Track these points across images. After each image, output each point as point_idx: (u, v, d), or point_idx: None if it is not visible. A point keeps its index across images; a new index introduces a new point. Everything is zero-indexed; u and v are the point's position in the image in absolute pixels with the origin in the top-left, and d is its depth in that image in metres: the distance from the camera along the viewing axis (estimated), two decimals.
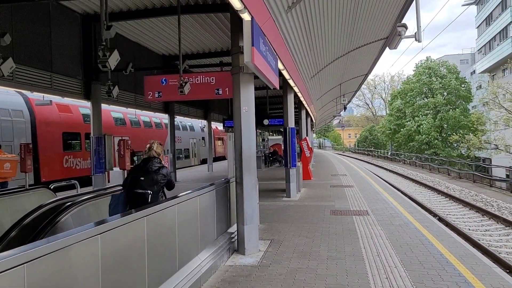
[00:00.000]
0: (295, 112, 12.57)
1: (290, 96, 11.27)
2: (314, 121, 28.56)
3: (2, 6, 7.82)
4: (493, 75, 41.21)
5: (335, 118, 50.56)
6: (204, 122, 24.73)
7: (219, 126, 30.15)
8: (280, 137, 32.80)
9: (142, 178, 4.53)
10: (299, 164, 12.39)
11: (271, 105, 23.65)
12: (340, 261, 5.09)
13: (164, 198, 4.78)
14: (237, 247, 5.64)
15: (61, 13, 9.43)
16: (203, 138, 30.40)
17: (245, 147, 5.56)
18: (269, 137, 33.29)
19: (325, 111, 31.34)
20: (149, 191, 4.49)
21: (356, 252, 5.47)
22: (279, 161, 24.79)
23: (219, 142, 34.35)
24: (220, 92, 9.33)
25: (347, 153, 63.35)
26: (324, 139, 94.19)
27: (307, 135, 17.88)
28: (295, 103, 13.48)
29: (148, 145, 4.79)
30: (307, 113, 19.48)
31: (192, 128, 29.25)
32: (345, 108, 25.35)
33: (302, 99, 13.61)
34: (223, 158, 32.89)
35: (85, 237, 2.51)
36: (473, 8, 47.01)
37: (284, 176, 11.19)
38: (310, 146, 15.90)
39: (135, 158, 15.58)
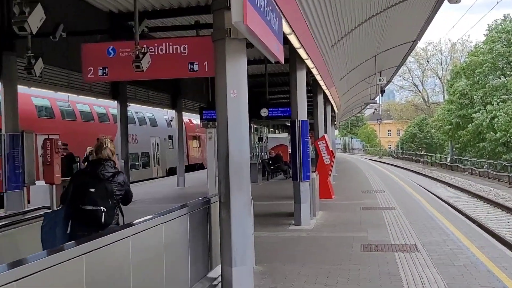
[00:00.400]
0: (308, 97, 12.58)
1: (300, 73, 11.28)
2: (336, 111, 28.66)
3: None
4: None
5: (368, 106, 50.74)
6: (172, 113, 24.69)
7: (195, 119, 30.16)
8: (285, 134, 32.88)
9: (92, 190, 4.63)
10: (314, 175, 12.42)
11: (273, 87, 23.70)
12: None
13: (121, 216, 4.95)
14: None
15: None
16: (170, 137, 30.38)
17: (234, 150, 5.56)
18: (270, 135, 33.35)
19: (353, 96, 31.47)
20: (101, 207, 4.60)
21: None
22: (284, 170, 24.82)
23: (194, 143, 34.40)
24: (196, 67, 9.29)
25: (386, 159, 63.63)
26: (351, 137, 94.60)
27: (326, 132, 17.95)
28: (308, 85, 13.51)
29: (96, 144, 4.92)
30: (326, 100, 19.52)
31: (153, 122, 29.25)
32: (382, 92, 25.45)
33: (318, 78, 13.64)
34: (200, 166, 32.90)
35: None
36: None
37: (291, 194, 11.20)
38: (331, 149, 15.96)
39: (75, 166, 15.49)
